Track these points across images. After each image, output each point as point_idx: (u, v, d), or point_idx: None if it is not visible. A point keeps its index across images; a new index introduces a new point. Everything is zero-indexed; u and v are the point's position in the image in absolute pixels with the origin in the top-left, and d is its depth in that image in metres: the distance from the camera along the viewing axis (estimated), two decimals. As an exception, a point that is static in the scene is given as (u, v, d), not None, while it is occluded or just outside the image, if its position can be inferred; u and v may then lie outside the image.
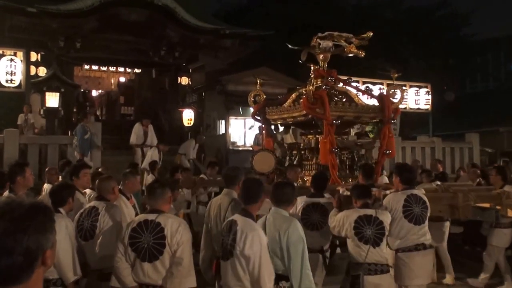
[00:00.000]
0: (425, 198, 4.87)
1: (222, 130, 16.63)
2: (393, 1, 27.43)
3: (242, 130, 16.83)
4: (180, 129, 15.90)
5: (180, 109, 16.11)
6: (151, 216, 3.60)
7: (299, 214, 5.06)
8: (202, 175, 8.68)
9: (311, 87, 6.77)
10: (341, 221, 4.49)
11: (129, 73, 17.99)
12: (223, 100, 16.41)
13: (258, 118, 7.92)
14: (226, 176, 5.00)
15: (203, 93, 17.12)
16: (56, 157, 10.94)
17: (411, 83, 17.90)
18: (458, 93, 27.13)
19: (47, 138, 11.78)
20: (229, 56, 16.99)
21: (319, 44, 7.17)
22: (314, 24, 25.67)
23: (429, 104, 18.09)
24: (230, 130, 16.51)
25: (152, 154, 11.43)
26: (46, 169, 8.03)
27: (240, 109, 16.65)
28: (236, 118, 16.71)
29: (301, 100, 6.94)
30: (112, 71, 17.76)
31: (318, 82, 7.08)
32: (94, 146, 11.12)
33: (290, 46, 7.62)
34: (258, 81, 7.93)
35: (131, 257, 3.57)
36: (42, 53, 14.57)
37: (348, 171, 7.22)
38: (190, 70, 17.34)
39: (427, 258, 4.84)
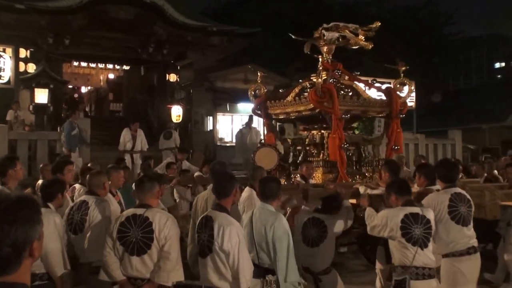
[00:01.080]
0: (469, 196, 4.42)
1: (210, 127, 16.86)
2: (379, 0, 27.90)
3: (229, 126, 17.09)
4: (169, 125, 16.06)
5: (169, 106, 16.26)
6: (139, 211, 3.63)
7: (300, 228, 4.69)
8: (198, 173, 8.34)
9: (319, 80, 6.45)
10: (384, 220, 3.99)
11: (118, 70, 18.11)
12: (211, 97, 16.63)
13: (259, 112, 7.63)
14: (212, 171, 5.08)
15: (191, 90, 17.29)
16: (45, 153, 11.02)
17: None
18: (442, 91, 27.67)
19: (37, 134, 11.85)
20: (217, 53, 17.15)
21: (324, 35, 6.82)
22: (301, 21, 26.01)
23: (413, 102, 18.46)
24: (218, 126, 16.75)
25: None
26: (41, 165, 8.04)
27: (228, 106, 16.91)
28: (223, 115, 16.96)
29: (305, 94, 6.69)
30: (101, 68, 17.89)
31: (324, 75, 6.80)
32: (82, 142, 11.13)
33: (293, 36, 7.32)
34: (259, 73, 7.68)
35: (120, 251, 3.60)
36: (31, 49, 14.61)
37: (354, 168, 6.92)
38: (178, 67, 17.46)
39: (478, 262, 4.36)
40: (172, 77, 17.28)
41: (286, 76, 17.81)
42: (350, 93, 6.74)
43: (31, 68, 14.38)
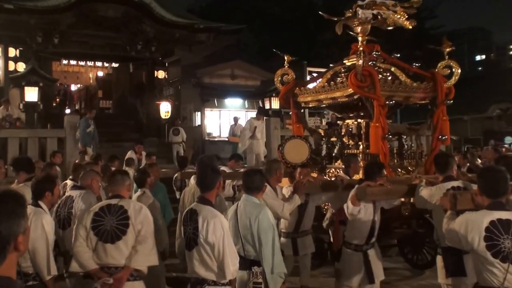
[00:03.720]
0: None
1: (198, 122, 17.17)
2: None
3: (217, 122, 17.41)
4: (158, 121, 16.36)
5: (157, 102, 16.53)
6: (113, 201, 3.69)
7: None
8: (223, 168, 7.53)
9: (360, 62, 5.76)
10: (463, 227, 3.08)
11: (107, 67, 18.26)
12: (199, 93, 16.91)
13: (286, 101, 6.94)
14: (199, 164, 4.98)
15: (179, 86, 17.59)
16: (36, 151, 11.10)
17: (378, 74, 18.66)
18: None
19: (27, 131, 11.91)
20: (204, 49, 17.43)
21: (358, 14, 6.13)
22: (285, 18, 26.42)
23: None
24: (206, 122, 17.05)
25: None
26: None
27: (215, 101, 17.22)
28: (211, 110, 17.25)
29: (339, 79, 6.11)
30: (90, 66, 18.00)
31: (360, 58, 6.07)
32: (96, 139, 11.46)
33: (325, 16, 6.74)
34: (285, 57, 6.88)
35: (93, 241, 3.59)
36: (21, 48, 14.83)
37: (396, 161, 6.26)
38: (166, 64, 17.72)
39: None
40: (160, 74, 17.54)
41: (271, 71, 18.13)
42: (390, 77, 6.14)
43: (21, 67, 14.58)
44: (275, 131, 12.23)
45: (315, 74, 14.36)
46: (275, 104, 16.21)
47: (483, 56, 49.68)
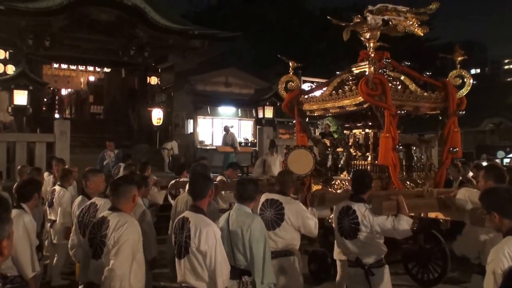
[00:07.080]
0: None
1: (190, 129, 16.97)
2: (357, 5, 28.38)
3: (210, 129, 17.23)
4: (149, 128, 16.14)
5: (149, 109, 16.32)
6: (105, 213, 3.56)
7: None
8: (221, 177, 7.28)
9: (371, 69, 5.60)
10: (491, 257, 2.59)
11: (98, 72, 17.99)
12: (192, 100, 16.76)
13: (290, 110, 6.69)
14: (192, 173, 5.11)
15: (172, 93, 17.42)
16: (24, 155, 10.91)
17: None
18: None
19: (15, 135, 11.74)
20: (198, 56, 17.29)
21: (367, 20, 5.91)
22: (282, 26, 26.41)
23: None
24: (198, 129, 16.87)
25: None
26: (19, 167, 8.14)
27: (208, 109, 17.06)
28: (204, 118, 17.09)
29: (346, 87, 5.94)
30: (82, 70, 17.72)
31: (366, 66, 5.92)
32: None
33: (334, 21, 6.45)
34: (290, 63, 6.67)
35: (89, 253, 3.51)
36: (11, 51, 14.60)
37: (404, 173, 6.07)
38: (159, 70, 17.54)
39: None
40: (153, 80, 17.34)
41: (266, 79, 18.05)
42: (399, 86, 6.01)
43: (10, 69, 14.33)
44: (267, 141, 12.17)
45: (309, 84, 14.24)
46: (269, 113, 16.13)
47: (478, 70, 50.25)
